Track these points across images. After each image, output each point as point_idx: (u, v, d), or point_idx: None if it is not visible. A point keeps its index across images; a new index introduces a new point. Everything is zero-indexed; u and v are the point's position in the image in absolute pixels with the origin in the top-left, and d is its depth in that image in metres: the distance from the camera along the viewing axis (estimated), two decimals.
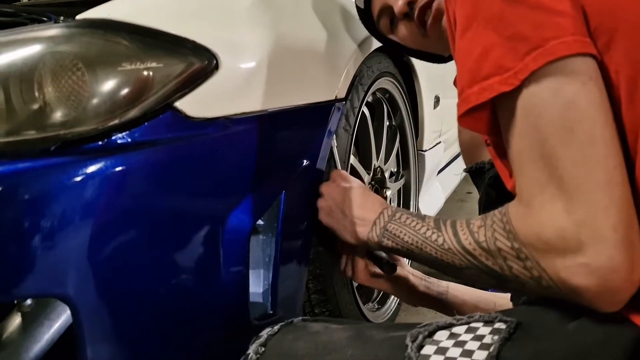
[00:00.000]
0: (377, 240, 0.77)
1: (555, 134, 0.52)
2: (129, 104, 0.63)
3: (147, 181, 0.64)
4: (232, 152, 0.73)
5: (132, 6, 0.71)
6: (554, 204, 0.52)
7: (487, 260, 0.59)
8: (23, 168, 0.58)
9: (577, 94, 0.52)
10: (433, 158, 1.71)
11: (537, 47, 0.53)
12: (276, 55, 0.79)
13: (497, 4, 0.56)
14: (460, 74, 0.60)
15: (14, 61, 0.61)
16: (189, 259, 0.69)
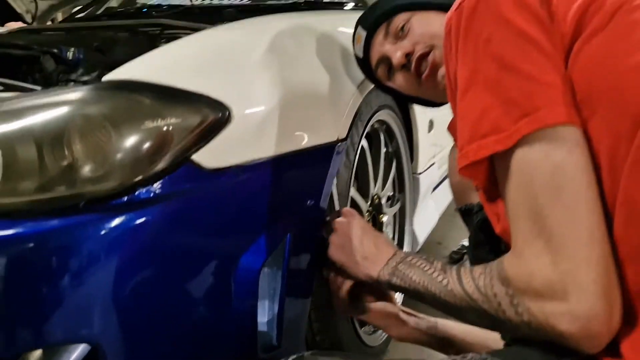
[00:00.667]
0: (388, 278, 0.83)
1: (545, 193, 0.59)
2: (152, 159, 0.68)
3: (167, 231, 0.69)
4: (243, 198, 0.78)
5: (151, 65, 0.76)
6: (543, 257, 0.58)
7: (484, 304, 0.65)
8: (54, 226, 0.63)
9: (565, 158, 0.58)
10: (427, 179, 1.77)
11: (529, 113, 0.59)
12: (282, 102, 0.84)
13: (494, 70, 0.63)
14: (461, 131, 0.67)
15: (47, 121, 0.66)
16: (205, 298, 0.75)
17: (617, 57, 0.59)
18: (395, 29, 0.95)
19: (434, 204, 1.99)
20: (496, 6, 0.64)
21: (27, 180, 0.65)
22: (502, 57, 0.62)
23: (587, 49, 0.61)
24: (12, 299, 0.63)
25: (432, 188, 1.93)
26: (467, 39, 0.66)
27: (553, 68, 0.61)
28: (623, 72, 0.58)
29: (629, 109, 0.57)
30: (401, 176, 1.53)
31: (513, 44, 0.62)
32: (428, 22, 0.93)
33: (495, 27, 0.63)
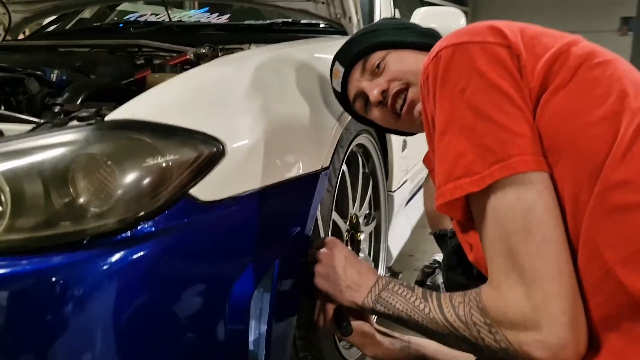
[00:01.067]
0: (372, 305, 0.89)
1: (517, 232, 0.66)
2: (153, 195, 0.72)
3: (166, 263, 0.73)
4: (235, 228, 0.82)
5: (149, 104, 0.80)
6: (517, 290, 0.66)
7: (464, 331, 0.73)
8: (59, 262, 0.67)
9: (534, 201, 0.66)
10: (400, 196, 1.85)
11: (502, 160, 0.67)
12: (270, 135, 0.89)
13: (469, 116, 0.70)
14: (438, 172, 0.74)
15: (53, 160, 0.69)
16: (200, 324, 0.79)
17: (578, 113, 0.67)
18: (371, 66, 1.00)
19: (405, 219, 2.06)
20: (471, 59, 0.71)
21: (33, 216, 0.68)
22: (476, 106, 0.69)
23: (553, 102, 0.68)
24: (16, 333, 0.66)
25: (404, 204, 2.00)
26: (444, 87, 0.72)
27: (523, 119, 0.68)
28: (583, 127, 0.66)
29: (587, 161, 0.65)
30: (377, 195, 1.59)
31: (486, 94, 0.69)
32: (402, 60, 0.99)
33: (470, 78, 0.70)
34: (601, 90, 0.68)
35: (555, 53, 0.71)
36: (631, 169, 0.62)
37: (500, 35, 0.73)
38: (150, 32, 1.83)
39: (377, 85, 0.99)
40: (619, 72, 0.70)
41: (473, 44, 0.72)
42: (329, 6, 1.70)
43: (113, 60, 1.58)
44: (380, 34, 1.02)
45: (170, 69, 1.29)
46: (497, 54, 0.71)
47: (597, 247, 0.63)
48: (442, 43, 0.75)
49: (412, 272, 2.20)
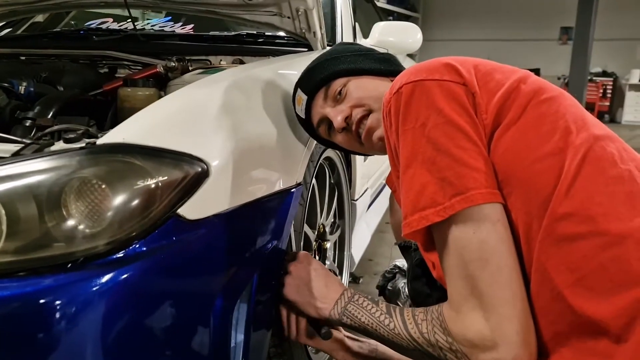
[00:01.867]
0: (338, 317, 0.95)
1: (474, 262, 0.73)
2: (144, 216, 0.75)
3: (154, 282, 0.76)
4: (219, 245, 0.87)
5: (139, 127, 0.83)
6: (475, 313, 0.73)
7: (427, 347, 0.80)
8: (51, 284, 0.69)
9: (489, 233, 0.73)
10: (362, 204, 1.92)
11: (461, 193, 0.74)
12: (251, 154, 0.94)
13: (429, 151, 0.76)
14: (404, 203, 0.80)
15: (47, 184, 0.72)
16: (187, 336, 0.82)
17: (526, 149, 0.74)
18: (333, 93, 1.04)
19: (366, 225, 2.14)
20: (429, 95, 0.78)
21: (27, 238, 0.70)
22: (436, 141, 0.76)
23: (505, 139, 0.76)
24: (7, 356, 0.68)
25: (365, 210, 2.08)
26: (406, 121, 0.79)
27: (478, 154, 0.75)
28: (531, 163, 0.74)
29: (536, 194, 0.72)
30: (341, 204, 1.66)
31: (444, 130, 0.76)
32: (363, 87, 1.03)
33: (429, 114, 0.77)
34: (547, 128, 0.75)
35: (506, 91, 0.78)
36: (575, 203, 0.70)
37: (455, 73, 0.79)
38: (114, 41, 1.83)
39: (340, 112, 1.02)
40: (562, 109, 0.77)
41: (431, 81, 0.78)
42: (294, 20, 1.76)
43: (78, 69, 1.58)
44: (340, 62, 1.06)
45: (142, 82, 1.31)
46: (454, 92, 0.77)
47: (548, 272, 0.71)
48: (402, 79, 0.81)
49: (372, 277, 2.28)
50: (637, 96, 9.38)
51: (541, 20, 9.91)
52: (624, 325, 0.65)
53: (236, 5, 1.77)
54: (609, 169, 0.73)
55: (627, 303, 0.65)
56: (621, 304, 0.66)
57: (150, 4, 1.82)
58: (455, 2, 10.62)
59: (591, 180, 0.71)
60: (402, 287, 1.92)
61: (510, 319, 0.71)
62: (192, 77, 1.37)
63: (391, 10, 9.20)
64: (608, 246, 0.68)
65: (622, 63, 9.61)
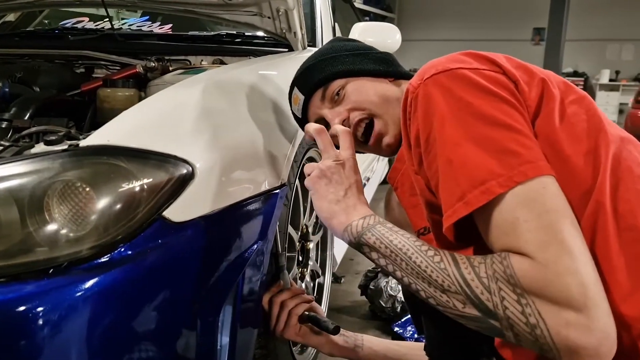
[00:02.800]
0: (360, 231, 0.78)
1: (555, 211, 0.64)
2: (129, 219, 0.74)
3: (141, 285, 0.75)
4: (205, 246, 0.86)
5: (123, 129, 0.82)
6: (563, 260, 0.60)
7: (482, 294, 0.64)
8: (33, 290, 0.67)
9: (559, 194, 0.66)
10: None
11: (530, 161, 0.66)
12: (235, 155, 0.94)
13: (481, 128, 0.69)
14: (451, 188, 0.69)
15: (29, 187, 0.70)
16: (174, 339, 0.81)
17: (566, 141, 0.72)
18: (331, 94, 1.02)
19: None
20: (472, 78, 0.72)
21: (8, 243, 0.68)
22: (491, 116, 0.69)
23: (545, 127, 0.73)
24: None
25: None
26: (445, 104, 0.71)
27: (532, 132, 0.71)
28: (570, 156, 0.71)
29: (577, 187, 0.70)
30: None
31: (496, 106, 0.70)
32: (361, 89, 1.01)
33: (476, 93, 0.70)
34: (582, 125, 0.73)
35: (541, 81, 0.75)
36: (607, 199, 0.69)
37: (490, 63, 0.75)
38: (91, 40, 1.79)
39: (338, 114, 1.00)
40: (592, 107, 0.77)
41: (469, 69, 0.73)
42: (275, 21, 1.75)
43: (54, 69, 1.55)
44: (339, 62, 1.04)
45: (122, 83, 1.29)
46: (496, 78, 0.73)
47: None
48: (434, 68, 0.75)
49: (353, 276, 2.29)
50: (607, 95, 9.62)
51: (514, 21, 10.09)
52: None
53: (216, 5, 1.75)
54: (636, 168, 0.73)
55: None
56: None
57: (129, 3, 1.79)
58: (430, 3, 10.73)
59: (621, 179, 0.71)
60: (384, 286, 1.93)
61: (596, 281, 0.61)
62: (173, 78, 1.36)
63: (367, 10, 9.25)
64: (637, 241, 0.67)
65: (593, 63, 9.85)
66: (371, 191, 2.83)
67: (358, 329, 1.86)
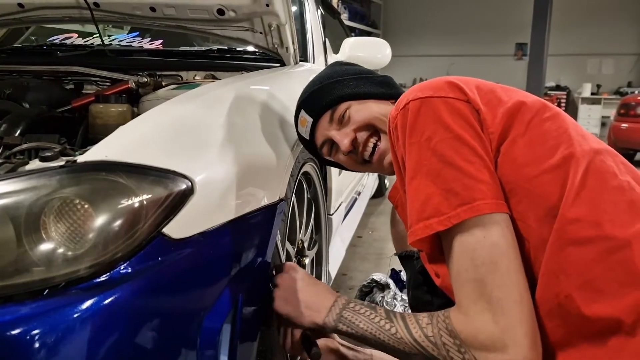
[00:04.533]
0: (334, 325, 0.92)
1: (485, 265, 0.74)
2: (129, 236, 0.72)
3: (141, 305, 0.72)
4: (205, 263, 0.84)
5: (121, 144, 0.80)
6: (485, 315, 0.74)
7: (433, 351, 0.79)
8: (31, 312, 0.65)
9: (499, 238, 0.75)
10: (337, 218, 1.91)
11: (467, 203, 0.76)
12: (234, 170, 0.92)
13: (435, 163, 0.79)
14: (410, 212, 0.82)
15: (25, 204, 0.67)
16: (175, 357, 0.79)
17: (535, 161, 0.78)
18: (338, 116, 1.07)
19: (340, 240, 2.13)
20: (435, 111, 0.81)
21: (3, 263, 0.66)
22: (442, 154, 0.78)
23: (512, 151, 0.79)
24: None
25: (340, 225, 2.07)
26: (413, 135, 0.81)
27: (484, 167, 0.78)
28: (540, 174, 0.77)
29: (545, 202, 0.76)
30: (318, 219, 1.64)
31: (451, 144, 0.78)
32: (366, 110, 1.06)
33: (436, 129, 0.80)
34: (552, 142, 0.79)
35: (511, 108, 0.82)
36: (582, 210, 0.73)
37: (459, 91, 0.83)
38: (81, 57, 1.77)
39: (346, 135, 1.06)
40: (564, 125, 0.82)
41: (437, 98, 0.82)
42: (267, 36, 1.75)
43: (43, 85, 1.52)
44: (344, 86, 1.09)
45: (114, 98, 1.27)
46: (459, 108, 0.81)
47: (556, 276, 0.73)
48: (408, 96, 0.84)
49: (347, 291, 2.27)
50: (589, 109, 9.77)
51: (497, 37, 10.24)
52: (633, 322, 0.69)
53: (207, 20, 1.75)
54: (610, 180, 0.77)
55: (635, 301, 0.69)
56: (629, 302, 0.69)
57: (119, 20, 1.78)
58: (414, 19, 10.87)
59: (595, 190, 0.75)
60: (379, 301, 1.91)
61: (519, 321, 0.72)
62: (166, 93, 1.34)
63: (353, 27, 9.33)
64: (614, 250, 0.72)
65: (574, 77, 10.02)
66: (362, 205, 2.82)
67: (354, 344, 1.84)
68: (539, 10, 7.11)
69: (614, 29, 9.57)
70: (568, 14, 9.24)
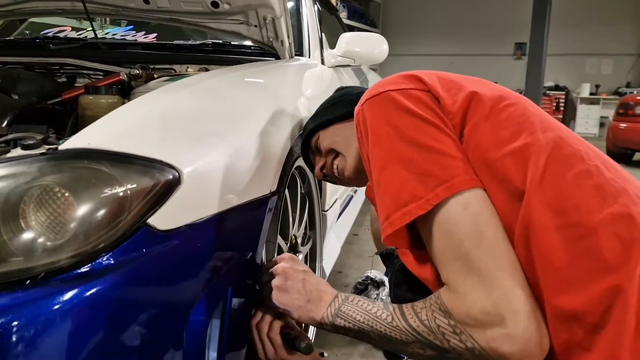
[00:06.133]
0: (331, 320, 0.89)
1: (469, 237, 0.72)
2: (112, 227, 0.70)
3: (124, 297, 0.70)
4: (191, 256, 0.82)
5: (105, 132, 0.78)
6: (476, 290, 0.70)
7: (428, 335, 0.75)
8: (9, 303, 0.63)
9: (481, 209, 0.73)
10: (332, 215, 1.89)
11: (445, 181, 0.74)
12: (224, 161, 0.90)
13: (404, 149, 0.77)
14: (383, 203, 0.79)
15: (3, 192, 0.65)
16: (160, 353, 0.77)
17: (497, 145, 0.77)
18: (314, 147, 1.19)
19: (335, 237, 2.11)
20: (396, 102, 0.80)
21: None
22: (412, 139, 0.77)
23: (474, 136, 0.78)
24: None
25: (335, 222, 2.05)
26: (377, 127, 0.81)
27: (454, 145, 0.77)
28: (502, 157, 0.75)
29: (508, 187, 0.74)
30: (312, 215, 1.62)
31: (418, 127, 0.77)
32: (326, 137, 1.15)
33: (401, 117, 0.79)
34: (514, 128, 0.78)
35: (470, 94, 0.81)
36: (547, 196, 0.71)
37: (418, 82, 0.83)
38: (74, 49, 1.75)
39: (317, 163, 1.19)
40: (528, 112, 0.81)
41: (396, 91, 0.82)
42: (262, 29, 1.73)
43: (34, 77, 1.50)
44: (316, 118, 1.18)
45: (105, 90, 1.25)
46: (419, 97, 0.81)
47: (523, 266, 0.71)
48: (369, 93, 0.85)
49: (342, 289, 2.24)
50: (588, 109, 9.76)
51: (496, 36, 10.23)
52: (601, 314, 0.67)
53: (202, 13, 1.73)
54: (577, 164, 0.75)
55: (601, 291, 0.67)
56: (596, 292, 0.67)
57: (113, 12, 1.76)
58: (414, 19, 10.84)
59: (560, 175, 0.73)
60: (374, 298, 1.89)
61: (513, 290, 0.68)
62: (158, 85, 1.32)
63: (351, 25, 9.31)
64: (580, 238, 0.69)
65: (573, 77, 10.00)
66: (359, 203, 2.80)
67: (348, 343, 1.82)
68: (538, 10, 7.10)
69: (613, 29, 9.55)
70: (567, 14, 9.23)
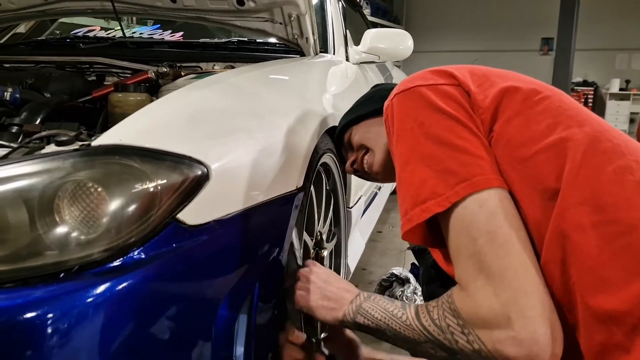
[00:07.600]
0: (352, 317, 0.90)
1: (482, 236, 0.70)
2: (142, 221, 0.71)
3: (154, 291, 0.71)
4: (220, 251, 0.82)
5: (136, 128, 0.79)
6: (485, 289, 0.69)
7: (439, 335, 0.74)
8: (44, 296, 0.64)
9: (496, 208, 0.71)
10: (357, 212, 1.89)
11: (465, 180, 0.73)
12: (251, 157, 0.90)
13: (429, 146, 0.77)
14: (403, 199, 0.80)
15: (38, 187, 0.67)
16: (188, 349, 0.78)
17: (531, 140, 0.75)
18: (347, 144, 1.21)
19: (359, 234, 2.11)
20: (425, 98, 0.80)
21: (17, 246, 0.65)
22: (436, 136, 0.76)
23: (507, 130, 0.76)
24: None
25: (359, 218, 2.04)
26: (403, 123, 0.81)
27: (480, 143, 0.76)
28: (535, 153, 0.74)
29: (541, 184, 0.73)
30: (337, 211, 1.62)
31: (444, 125, 0.77)
32: (362, 132, 1.15)
33: (428, 114, 0.78)
34: (549, 121, 0.75)
35: (503, 89, 0.79)
36: (585, 193, 0.69)
37: (448, 77, 0.82)
38: (103, 48, 1.78)
39: (349, 158, 1.21)
40: (564, 105, 0.79)
41: (426, 86, 0.81)
42: (287, 26, 1.73)
43: (65, 76, 1.53)
44: (348, 115, 1.20)
45: (133, 87, 1.27)
46: (449, 92, 0.80)
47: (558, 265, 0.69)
48: (398, 88, 0.84)
49: (366, 286, 2.24)
50: (618, 105, 9.53)
51: (522, 32, 10.05)
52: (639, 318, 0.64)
53: (227, 11, 1.74)
54: (617, 159, 0.72)
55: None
56: (636, 292, 0.64)
57: (140, 11, 1.78)
58: (438, 15, 10.73)
59: (599, 170, 0.71)
60: (399, 295, 1.89)
61: (524, 293, 0.66)
62: (185, 82, 1.33)
63: (375, 22, 9.27)
64: (620, 235, 0.67)
65: (602, 73, 9.77)
66: (383, 200, 2.79)
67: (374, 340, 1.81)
68: (566, 4, 6.95)
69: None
70: (596, 8, 9.02)
